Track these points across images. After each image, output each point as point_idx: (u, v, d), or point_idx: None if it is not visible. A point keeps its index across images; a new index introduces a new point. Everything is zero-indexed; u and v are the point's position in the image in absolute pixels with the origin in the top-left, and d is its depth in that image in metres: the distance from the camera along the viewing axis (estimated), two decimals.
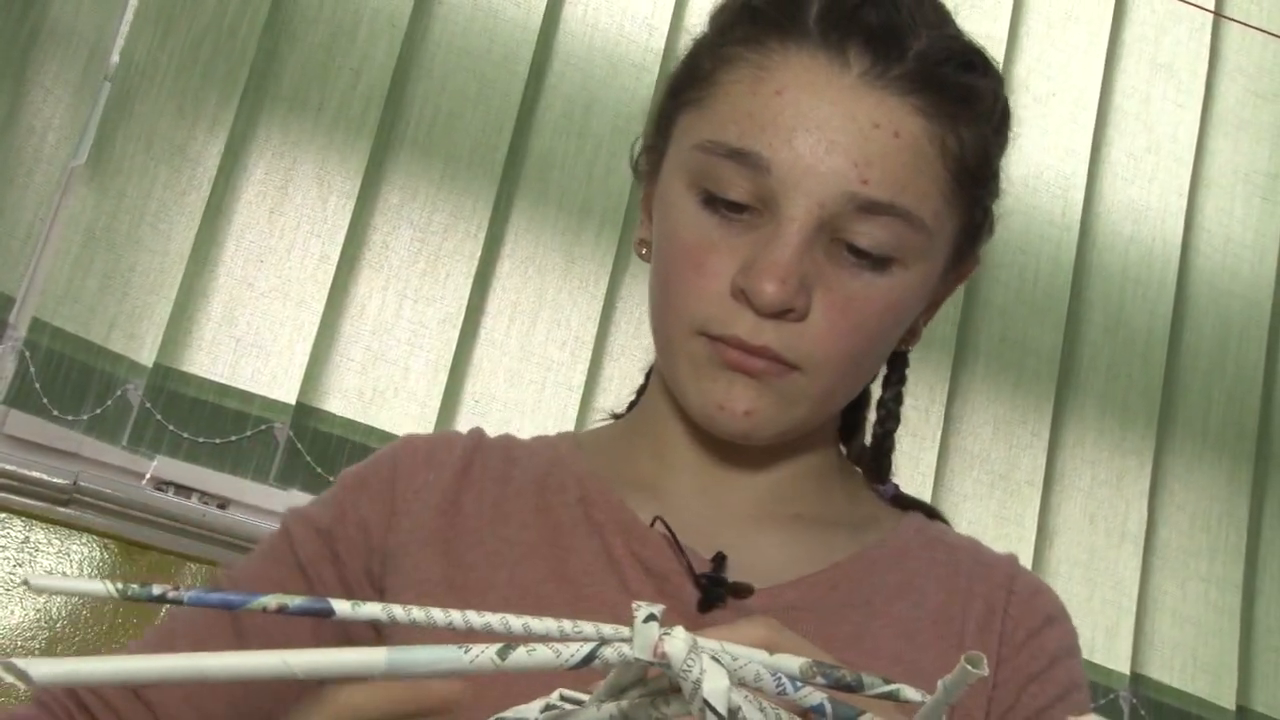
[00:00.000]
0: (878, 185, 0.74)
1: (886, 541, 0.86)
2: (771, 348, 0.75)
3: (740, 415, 0.77)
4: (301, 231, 1.48)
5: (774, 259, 0.74)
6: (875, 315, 0.77)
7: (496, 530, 0.82)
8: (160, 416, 1.41)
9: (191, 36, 1.46)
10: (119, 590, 0.41)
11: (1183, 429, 1.89)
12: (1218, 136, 1.98)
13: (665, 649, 0.40)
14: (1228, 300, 1.95)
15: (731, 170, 0.75)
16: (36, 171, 1.39)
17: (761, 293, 0.73)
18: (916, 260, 0.77)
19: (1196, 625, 1.84)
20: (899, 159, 0.74)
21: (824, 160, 0.74)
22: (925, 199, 0.75)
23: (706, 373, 0.77)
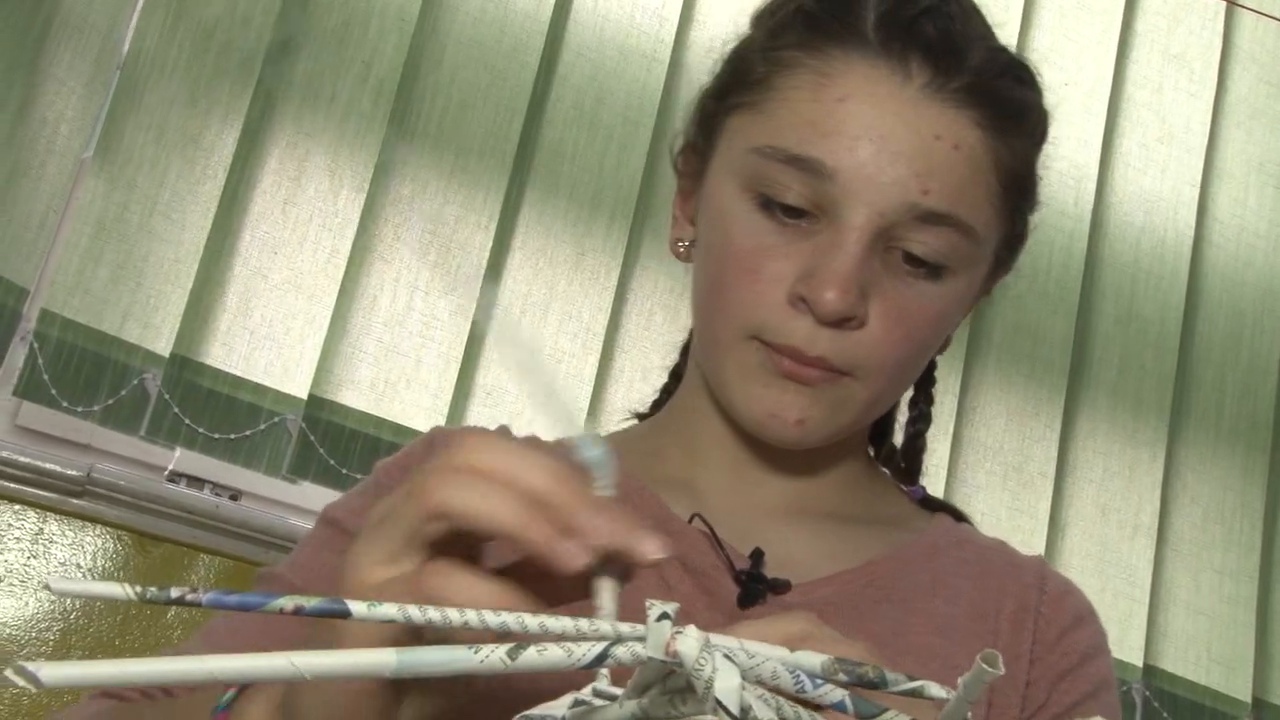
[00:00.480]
0: (938, 196, 0.75)
1: (918, 540, 0.86)
2: (827, 358, 0.76)
3: (792, 424, 0.77)
4: (314, 224, 1.48)
5: (836, 267, 0.74)
6: (927, 323, 0.78)
7: None
8: (177, 409, 1.41)
9: (203, 26, 1.46)
10: (137, 593, 0.41)
11: (1196, 420, 1.89)
12: (1231, 126, 1.97)
13: (677, 647, 0.40)
14: (1241, 290, 1.94)
15: (791, 176, 0.76)
16: (49, 163, 1.39)
17: (824, 301, 0.74)
18: (966, 269, 0.78)
19: (1210, 617, 1.84)
20: (958, 171, 0.75)
21: (887, 170, 0.75)
22: (979, 210, 0.77)
23: (758, 378, 0.78)
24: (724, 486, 0.84)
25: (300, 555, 0.83)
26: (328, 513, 0.84)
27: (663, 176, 1.65)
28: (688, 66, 1.68)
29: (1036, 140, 0.82)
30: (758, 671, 0.41)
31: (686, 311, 1.61)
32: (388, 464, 0.86)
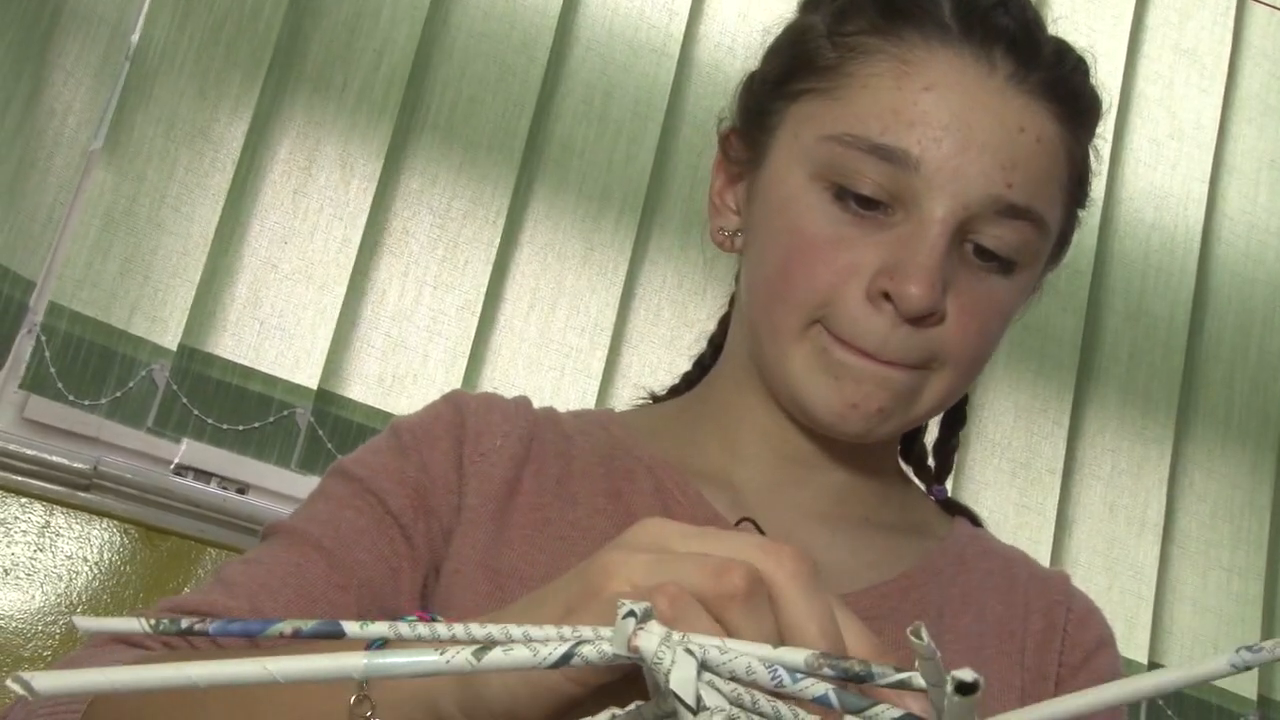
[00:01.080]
0: (1020, 189, 0.74)
1: (945, 549, 0.85)
2: (910, 360, 0.75)
3: (874, 413, 0.76)
4: (325, 214, 1.48)
5: (921, 261, 0.73)
6: (998, 318, 0.77)
7: (564, 513, 0.79)
8: (185, 400, 1.41)
9: (213, 18, 1.46)
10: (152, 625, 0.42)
11: (1204, 417, 1.88)
12: (1241, 122, 1.96)
13: (637, 642, 0.40)
14: (1251, 287, 1.93)
15: (870, 165, 0.74)
16: (57, 155, 1.39)
17: (909, 297, 0.72)
18: (1034, 263, 0.78)
19: (1217, 615, 1.83)
20: (1039, 164, 0.75)
21: (974, 162, 0.73)
22: (1053, 204, 0.77)
23: (827, 369, 0.76)
24: (764, 485, 0.82)
25: (319, 509, 0.78)
26: (347, 469, 0.80)
27: (672, 171, 1.65)
28: (697, 61, 1.68)
29: (1094, 124, 0.82)
30: (730, 667, 0.41)
31: (695, 307, 1.61)
32: (409, 425, 0.82)
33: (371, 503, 0.77)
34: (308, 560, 0.74)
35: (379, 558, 0.75)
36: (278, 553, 0.75)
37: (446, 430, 0.80)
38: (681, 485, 0.81)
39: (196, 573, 1.40)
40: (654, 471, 0.81)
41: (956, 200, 0.73)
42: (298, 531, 0.76)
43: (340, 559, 0.74)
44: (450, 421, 0.81)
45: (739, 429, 0.83)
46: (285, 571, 0.74)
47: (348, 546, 0.75)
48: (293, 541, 0.76)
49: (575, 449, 0.82)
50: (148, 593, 1.38)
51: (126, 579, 1.38)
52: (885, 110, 0.74)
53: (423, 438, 0.80)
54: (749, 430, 0.83)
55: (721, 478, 0.82)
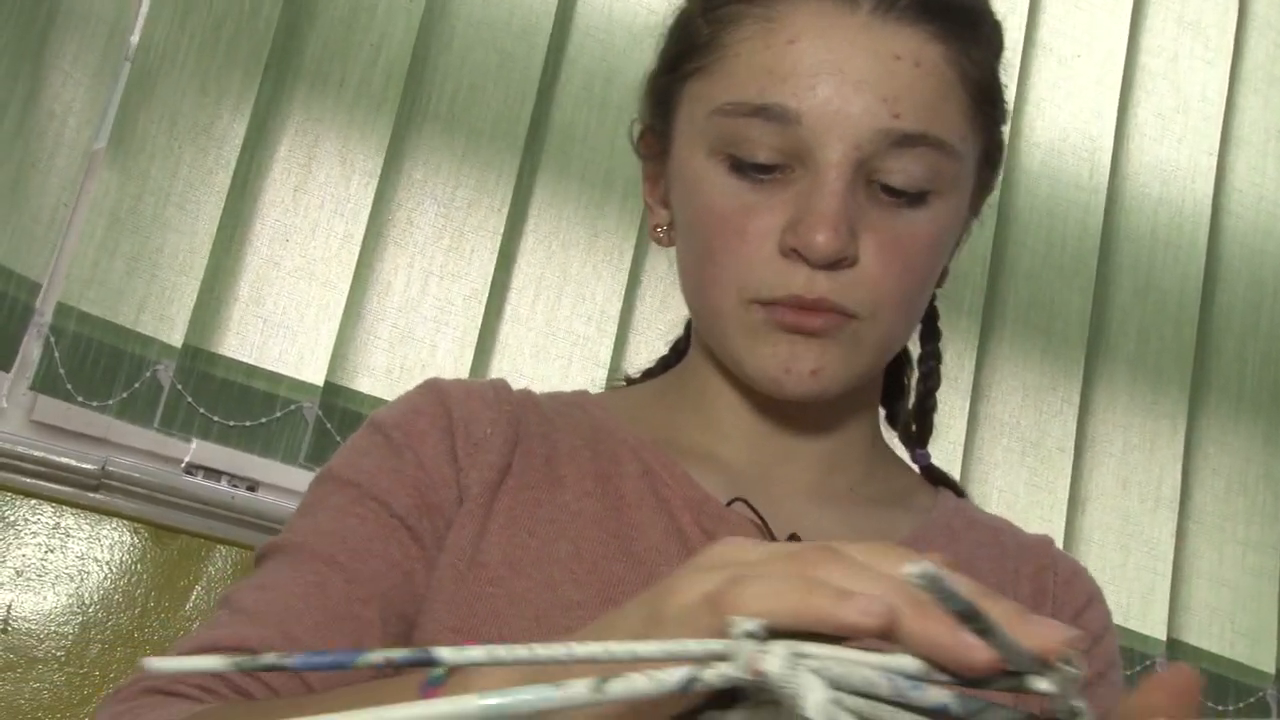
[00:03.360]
0: (909, 117, 0.74)
1: (934, 520, 0.86)
2: (829, 298, 0.74)
3: (808, 376, 0.75)
4: (326, 210, 1.47)
5: (821, 209, 0.73)
6: (923, 251, 0.76)
7: (552, 495, 0.78)
8: (191, 399, 1.40)
9: (213, 15, 1.45)
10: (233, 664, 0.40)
11: (1216, 391, 1.87)
12: (1248, 93, 1.95)
13: (761, 666, 0.39)
14: (1261, 259, 1.92)
15: (757, 129, 0.74)
16: (58, 155, 1.38)
17: (815, 245, 0.72)
18: (951, 189, 0.77)
19: (1234, 589, 1.83)
20: (924, 87, 0.74)
21: (853, 100, 0.73)
22: (953, 125, 0.76)
23: (766, 339, 0.76)
24: (749, 462, 0.83)
25: (321, 522, 0.76)
26: (340, 474, 0.78)
27: None
28: None
29: (995, 49, 0.80)
30: (850, 680, 0.40)
31: None
32: (394, 420, 0.80)
33: (375, 509, 0.76)
34: (324, 577, 0.73)
35: (392, 565, 0.74)
36: (290, 573, 0.73)
37: (433, 423, 0.79)
38: (669, 466, 0.80)
39: (208, 570, 1.40)
40: (639, 454, 0.81)
41: (846, 142, 0.73)
42: (305, 548, 0.74)
43: (356, 572, 0.73)
44: (435, 414, 0.79)
45: (717, 408, 0.83)
46: (304, 592, 0.72)
47: (360, 557, 0.74)
48: (302, 559, 0.74)
49: (557, 431, 0.81)
50: (159, 592, 1.37)
51: (138, 578, 1.38)
52: (759, 71, 0.74)
53: (412, 433, 0.78)
54: (727, 408, 0.83)
55: (706, 457, 0.82)
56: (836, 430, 0.84)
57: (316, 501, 0.78)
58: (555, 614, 0.73)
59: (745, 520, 0.78)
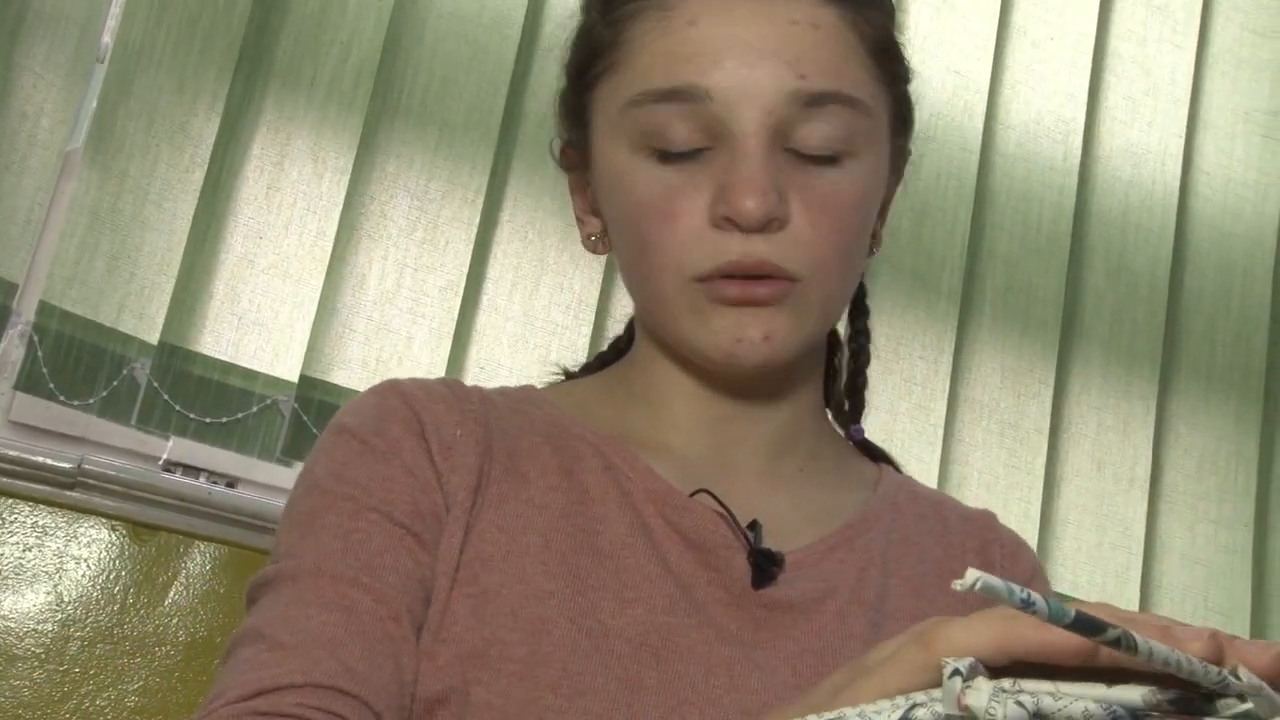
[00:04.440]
0: (816, 77, 0.76)
1: (881, 496, 0.87)
2: (769, 260, 0.76)
3: (761, 342, 0.76)
4: (299, 208, 1.48)
5: (745, 174, 0.75)
6: (851, 210, 0.78)
7: (518, 490, 0.79)
8: (167, 396, 1.41)
9: (188, 12, 1.45)
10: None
11: (1187, 372, 1.89)
12: (1215, 76, 1.97)
13: (967, 700, 0.40)
14: (1230, 241, 1.94)
15: (672, 114, 0.76)
16: (31, 156, 1.39)
17: (745, 209, 0.74)
18: (867, 147, 0.79)
19: (1207, 567, 1.85)
20: (826, 48, 0.77)
21: (758, 68, 0.75)
22: (860, 83, 0.78)
23: (713, 314, 0.77)
24: (704, 450, 0.83)
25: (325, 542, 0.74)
26: (331, 487, 0.76)
27: None
28: None
29: (888, 10, 0.83)
30: (1067, 712, 0.40)
31: None
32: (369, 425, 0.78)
33: (377, 520, 0.74)
34: (352, 601, 0.71)
35: (408, 576, 0.73)
36: (315, 600, 0.71)
37: (406, 428, 0.78)
38: (630, 460, 0.81)
39: (186, 567, 1.40)
40: (600, 449, 0.81)
41: (757, 109, 0.75)
42: (322, 572, 0.72)
43: (380, 590, 0.72)
44: (406, 418, 0.78)
45: (668, 399, 0.84)
46: (340, 619, 0.70)
47: (378, 573, 0.72)
48: (322, 584, 0.71)
49: (515, 427, 0.82)
50: (138, 589, 1.38)
51: (116, 575, 1.38)
52: (663, 57, 0.77)
53: (391, 439, 0.77)
54: (677, 398, 0.84)
55: (661, 449, 0.83)
56: (784, 410, 0.85)
57: (311, 518, 0.75)
58: (529, 605, 0.74)
59: (709, 510, 0.79)
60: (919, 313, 1.76)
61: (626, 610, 0.75)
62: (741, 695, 0.73)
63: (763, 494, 0.83)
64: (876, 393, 1.69)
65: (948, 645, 0.44)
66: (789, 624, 0.77)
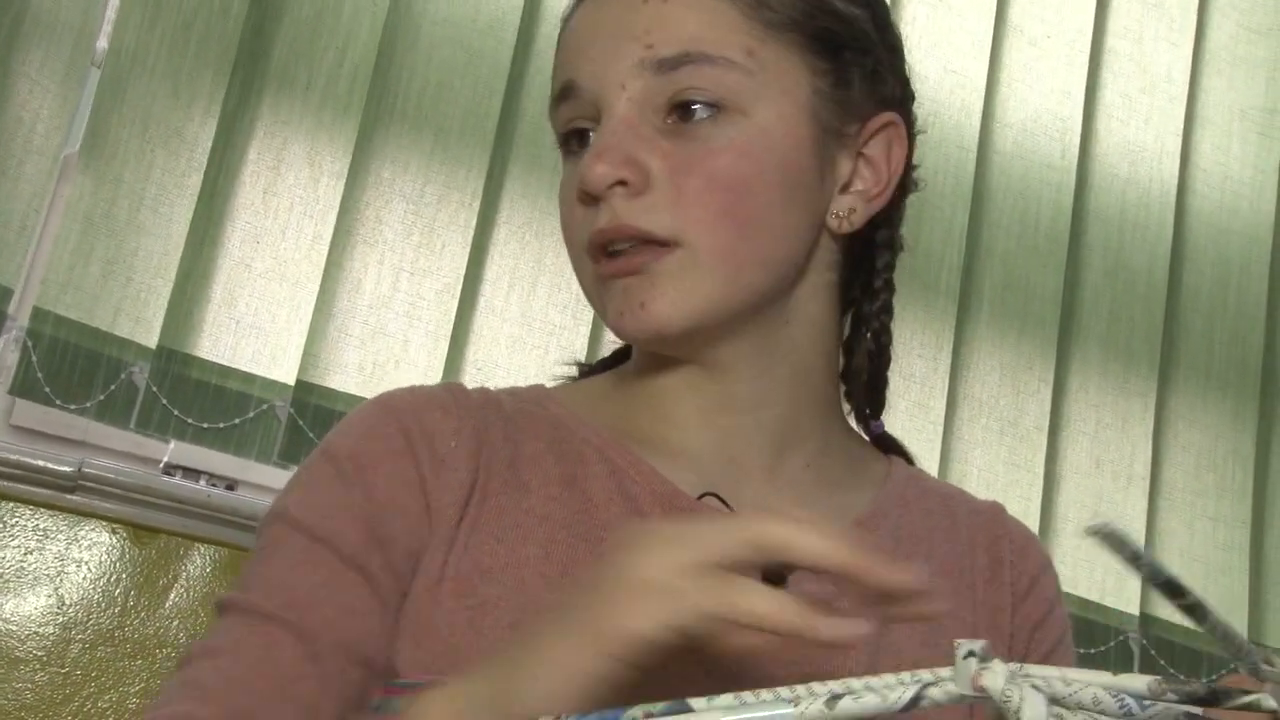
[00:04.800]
0: (666, 44, 0.78)
1: (888, 491, 0.87)
2: (631, 223, 0.76)
3: (640, 310, 0.77)
4: (295, 212, 1.49)
5: (593, 147, 0.78)
6: (729, 166, 0.77)
7: (518, 500, 0.78)
8: (165, 401, 1.42)
9: (182, 17, 1.46)
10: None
11: (1185, 369, 1.90)
12: (1212, 74, 1.97)
13: (983, 682, 0.41)
14: (1227, 238, 1.94)
15: (565, 111, 0.81)
16: (27, 162, 1.40)
17: (589, 176, 0.76)
18: (755, 102, 0.78)
19: (1205, 564, 1.85)
20: (678, 16, 0.78)
21: (609, 49, 0.78)
22: (727, 42, 0.78)
23: (603, 291, 0.79)
24: (706, 446, 0.83)
25: (272, 573, 0.75)
26: (291, 515, 0.76)
27: None
28: None
29: None
30: (1078, 698, 0.41)
31: None
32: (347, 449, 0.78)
33: (324, 554, 0.75)
34: (274, 639, 0.72)
35: (344, 610, 0.74)
36: (242, 636, 0.73)
37: (388, 446, 0.78)
38: (635, 463, 0.80)
39: (187, 569, 1.41)
40: (605, 453, 0.81)
41: (612, 85, 0.78)
42: (255, 609, 0.73)
43: (305, 627, 0.72)
44: (389, 435, 0.78)
45: (666, 394, 0.83)
46: (255, 658, 0.72)
47: (309, 609, 0.73)
48: (254, 621, 0.73)
49: (519, 432, 0.81)
50: (139, 591, 1.39)
51: (117, 578, 1.39)
52: (556, 66, 0.83)
53: (364, 462, 0.77)
54: (673, 394, 0.83)
55: (665, 447, 0.82)
56: (783, 405, 0.83)
57: (269, 546, 0.77)
58: (530, 618, 0.72)
59: (716, 514, 0.78)
60: (918, 311, 1.76)
61: None
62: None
63: (770, 493, 0.82)
64: None
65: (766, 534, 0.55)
66: None
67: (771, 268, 0.80)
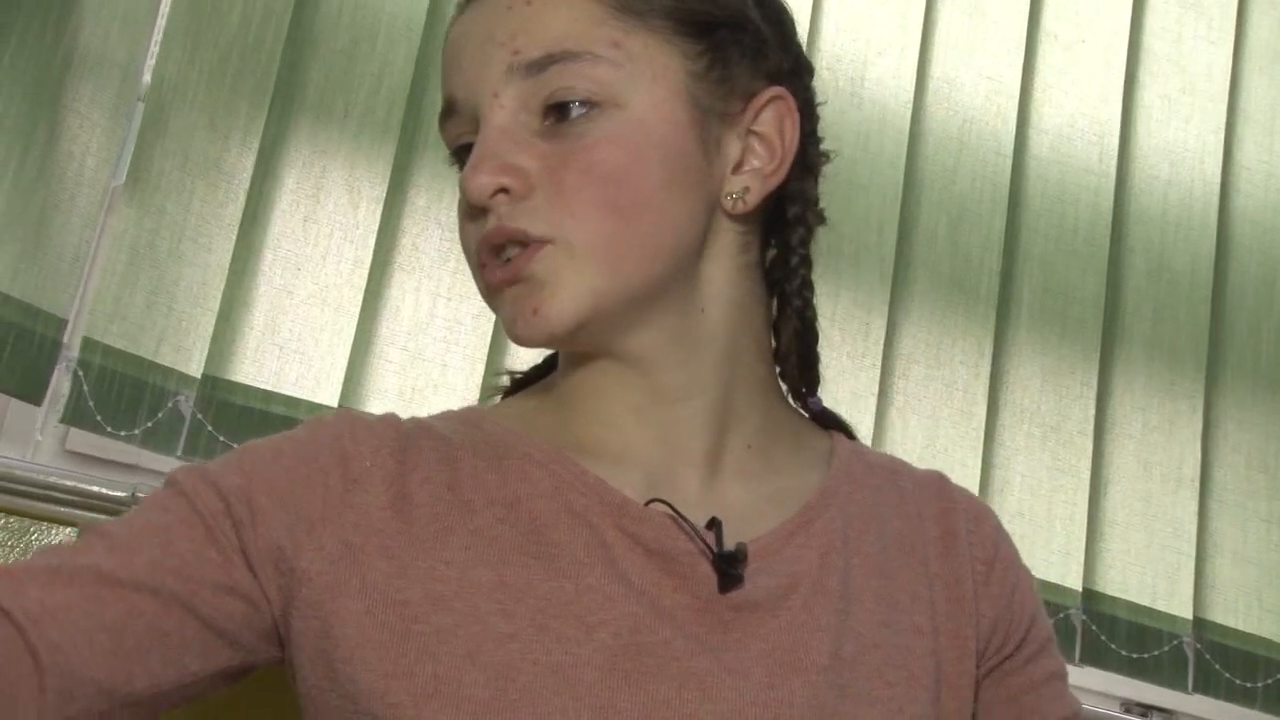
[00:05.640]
0: (531, 47, 0.78)
1: (838, 472, 0.86)
2: (507, 225, 0.77)
3: (532, 316, 0.78)
4: (335, 239, 1.52)
5: (471, 159, 0.78)
6: (604, 158, 0.77)
7: (464, 521, 0.78)
8: (211, 427, 1.45)
9: (219, 51, 1.50)
10: None
11: (1233, 369, 1.88)
12: (1253, 71, 1.95)
13: None
14: (1272, 236, 1.92)
15: (451, 128, 0.83)
16: (79, 195, 1.44)
17: (470, 188, 0.77)
18: (627, 93, 0.78)
19: (1259, 566, 1.83)
20: (540, 18, 0.79)
21: (478, 59, 0.79)
22: (591, 37, 0.78)
23: (497, 305, 0.81)
24: (646, 444, 0.82)
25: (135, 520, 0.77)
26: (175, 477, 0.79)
27: None
28: None
29: None
30: None
31: None
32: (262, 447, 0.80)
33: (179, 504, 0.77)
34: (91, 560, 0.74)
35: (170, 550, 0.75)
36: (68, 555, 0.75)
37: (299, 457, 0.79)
38: (580, 475, 0.80)
39: None
40: (548, 467, 0.80)
41: (484, 94, 0.79)
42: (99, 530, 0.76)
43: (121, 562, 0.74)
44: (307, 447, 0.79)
45: (594, 396, 0.83)
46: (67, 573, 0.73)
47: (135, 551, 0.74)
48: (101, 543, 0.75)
49: (457, 450, 0.81)
50: None
51: None
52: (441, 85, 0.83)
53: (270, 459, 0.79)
54: (603, 392, 0.83)
55: (605, 451, 0.82)
56: (714, 388, 0.83)
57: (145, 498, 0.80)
58: (489, 648, 0.73)
59: (667, 517, 0.79)
60: (958, 318, 1.76)
61: (593, 636, 0.74)
62: (716, 705, 0.73)
63: (715, 478, 0.83)
64: (918, 399, 1.71)
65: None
66: (757, 623, 0.77)
67: (660, 254, 0.79)
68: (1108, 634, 1.73)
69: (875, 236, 1.71)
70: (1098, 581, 1.75)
